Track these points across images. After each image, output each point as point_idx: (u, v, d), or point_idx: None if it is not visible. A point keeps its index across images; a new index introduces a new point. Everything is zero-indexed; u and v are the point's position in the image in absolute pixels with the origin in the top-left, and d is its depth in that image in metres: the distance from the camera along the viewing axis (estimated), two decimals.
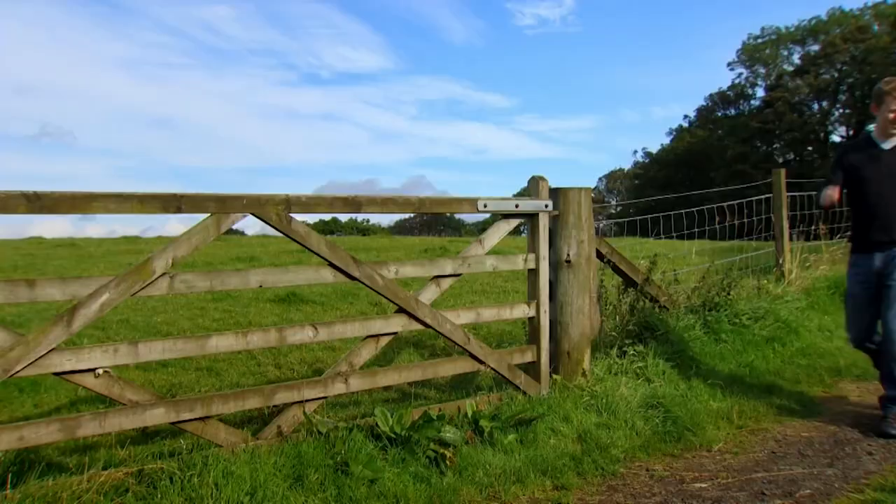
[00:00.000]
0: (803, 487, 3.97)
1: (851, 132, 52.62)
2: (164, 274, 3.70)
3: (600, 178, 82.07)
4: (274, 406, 4.25)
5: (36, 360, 3.35)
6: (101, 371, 3.52)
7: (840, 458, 4.42)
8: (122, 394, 3.62)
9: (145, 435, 4.55)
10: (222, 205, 3.89)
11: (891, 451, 4.53)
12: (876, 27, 49.07)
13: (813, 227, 10.48)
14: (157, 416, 3.70)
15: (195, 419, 3.82)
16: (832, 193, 5.00)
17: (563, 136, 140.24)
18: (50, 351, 3.38)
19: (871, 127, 5.11)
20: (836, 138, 53.98)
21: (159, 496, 3.33)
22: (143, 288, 3.64)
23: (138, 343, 3.66)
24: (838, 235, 10.59)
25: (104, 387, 3.56)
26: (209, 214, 3.87)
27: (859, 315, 5.17)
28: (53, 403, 5.45)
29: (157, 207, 3.70)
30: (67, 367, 3.44)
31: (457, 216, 55.89)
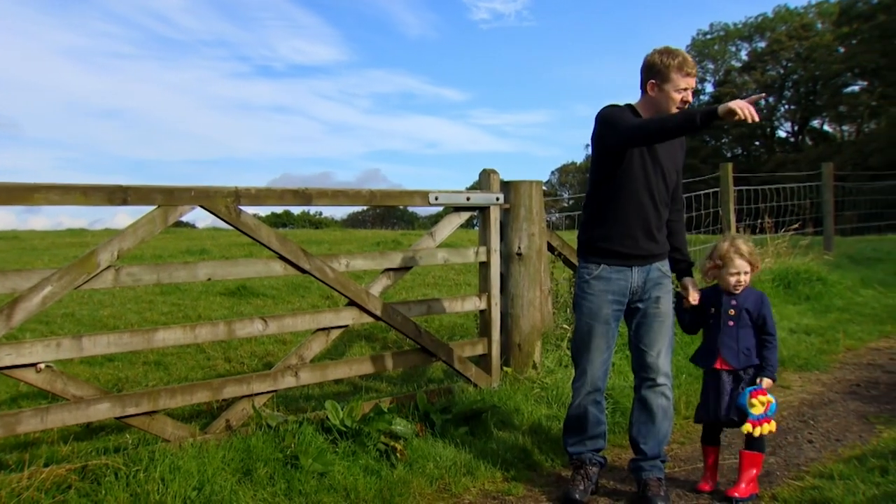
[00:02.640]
0: None
1: (796, 128, 53.78)
2: (109, 267, 3.64)
3: (553, 172, 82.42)
4: (223, 400, 4.21)
5: None
6: (42, 366, 3.45)
7: (782, 447, 4.53)
8: (65, 389, 3.54)
9: (90, 431, 4.47)
10: (170, 197, 3.83)
11: (830, 439, 4.66)
12: (819, 25, 50.20)
13: (759, 221, 10.71)
14: (102, 411, 3.64)
15: (141, 414, 3.76)
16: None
17: (516, 130, 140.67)
18: None
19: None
20: (781, 133, 55.14)
21: (103, 492, 3.27)
22: (87, 281, 3.58)
23: (82, 337, 3.59)
24: (783, 229, 10.83)
25: (46, 382, 3.49)
26: (156, 206, 3.81)
27: (605, 345, 3.82)
28: None
29: (101, 199, 3.63)
30: (7, 363, 3.35)
31: (410, 209, 55.81)
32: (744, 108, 3.19)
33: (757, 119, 3.20)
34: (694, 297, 3.88)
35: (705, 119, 3.32)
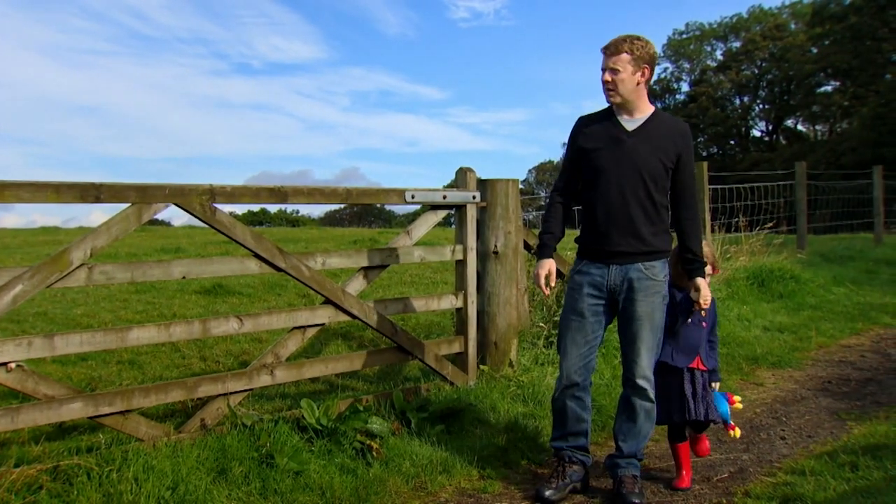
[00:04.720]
0: (720, 472, 4.10)
1: (770, 127, 54.31)
2: (82, 265, 3.60)
3: (530, 170, 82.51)
4: (198, 399, 4.18)
5: None
6: (13, 365, 3.41)
7: (755, 444, 4.57)
8: (36, 388, 3.51)
9: (62, 431, 4.42)
10: (143, 194, 3.80)
11: (802, 436, 4.71)
12: (793, 25, 50.78)
13: (734, 220, 10.80)
14: (75, 410, 3.60)
15: (115, 413, 3.73)
16: (544, 273, 3.89)
17: (495, 128, 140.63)
18: None
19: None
20: (756, 133, 55.71)
21: (76, 493, 3.23)
22: (59, 279, 3.54)
23: (54, 336, 3.56)
24: (757, 227, 10.93)
25: (17, 381, 3.44)
26: (130, 204, 3.78)
27: (582, 339, 3.82)
28: None
29: (74, 197, 3.60)
30: None
31: (387, 207, 55.74)
32: (538, 283, 3.92)
33: (546, 294, 4.02)
34: (707, 300, 3.77)
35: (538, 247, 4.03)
